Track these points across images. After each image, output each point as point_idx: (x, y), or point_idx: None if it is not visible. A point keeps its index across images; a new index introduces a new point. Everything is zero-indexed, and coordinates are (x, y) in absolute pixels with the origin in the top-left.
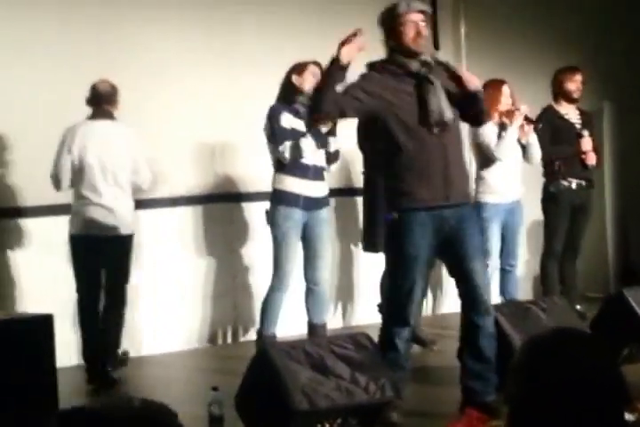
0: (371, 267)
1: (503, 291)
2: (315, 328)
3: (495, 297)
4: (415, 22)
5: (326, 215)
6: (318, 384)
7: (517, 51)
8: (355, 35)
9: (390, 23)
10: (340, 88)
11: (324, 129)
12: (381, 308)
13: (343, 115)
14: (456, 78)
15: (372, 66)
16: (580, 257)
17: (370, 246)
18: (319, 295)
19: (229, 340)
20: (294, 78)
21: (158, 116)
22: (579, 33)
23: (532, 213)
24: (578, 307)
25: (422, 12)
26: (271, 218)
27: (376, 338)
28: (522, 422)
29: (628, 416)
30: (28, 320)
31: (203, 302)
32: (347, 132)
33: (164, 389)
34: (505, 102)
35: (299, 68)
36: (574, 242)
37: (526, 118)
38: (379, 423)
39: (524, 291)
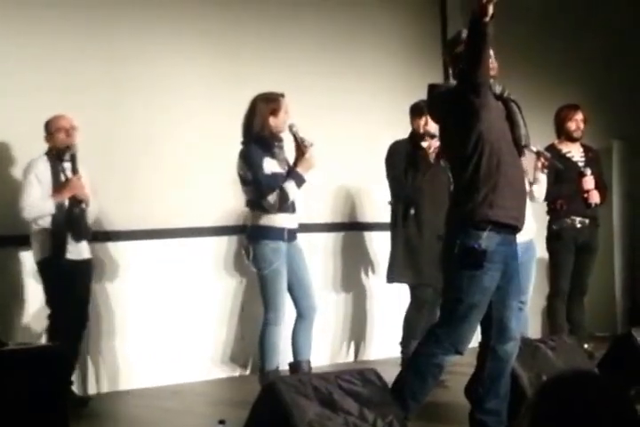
0: (384, 301)
1: None
2: (300, 365)
3: None
4: None
5: (300, 246)
6: (327, 420)
7: (524, 88)
8: None
9: None
10: None
11: (302, 172)
12: (404, 342)
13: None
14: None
15: None
16: (588, 296)
17: (395, 277)
18: (308, 329)
19: (239, 372)
20: (271, 120)
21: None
22: (587, 70)
23: (539, 250)
24: (586, 346)
25: None
26: (258, 254)
27: (384, 374)
28: None
29: None
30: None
31: (211, 333)
32: (365, 165)
33: (171, 421)
34: None
35: (273, 108)
36: (580, 280)
37: (542, 155)
38: None
39: (532, 329)
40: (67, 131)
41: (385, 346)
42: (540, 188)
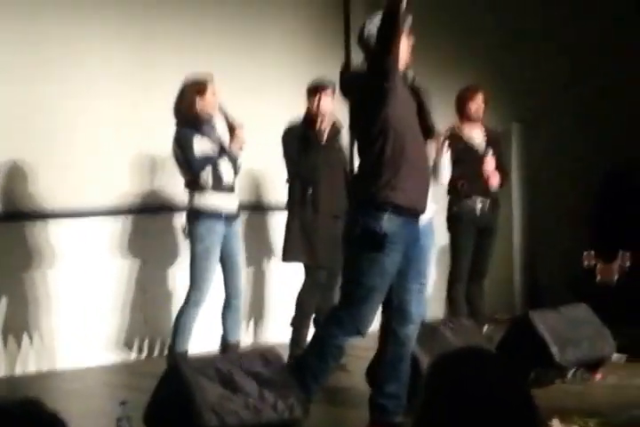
0: (282, 281)
1: None
2: (229, 346)
3: None
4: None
5: (239, 228)
6: (228, 401)
7: (423, 70)
8: None
9: None
10: None
11: (234, 149)
12: (295, 322)
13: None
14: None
15: None
16: (487, 279)
17: (290, 256)
18: (237, 310)
19: (138, 355)
20: (197, 102)
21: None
22: (487, 52)
23: (442, 234)
24: (485, 328)
25: None
26: (193, 233)
27: (286, 356)
28: None
29: None
30: None
31: (113, 316)
32: (256, 150)
33: (74, 403)
34: None
35: (199, 90)
36: (480, 263)
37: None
38: None
39: (432, 311)
40: None
41: (284, 328)
42: (444, 170)
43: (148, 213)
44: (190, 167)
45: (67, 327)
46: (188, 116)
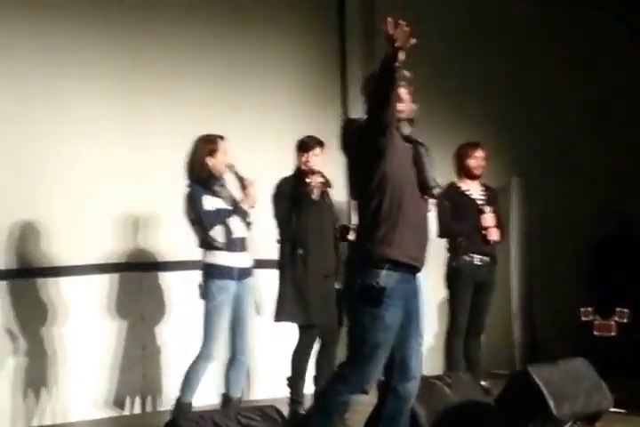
0: (269, 340)
1: None
2: (230, 401)
3: None
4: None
5: (252, 285)
6: None
7: (422, 124)
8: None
9: None
10: None
11: (246, 206)
12: (290, 381)
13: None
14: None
15: None
16: (486, 334)
17: (284, 317)
18: (243, 367)
19: (137, 410)
20: (208, 160)
21: (82, 180)
22: (485, 110)
23: (441, 288)
24: (483, 383)
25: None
26: (206, 291)
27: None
28: None
29: None
30: None
31: (112, 372)
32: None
33: None
34: None
35: (211, 149)
36: (478, 318)
37: None
38: None
39: (431, 366)
40: None
41: (271, 385)
42: (433, 226)
43: (151, 269)
44: (200, 224)
45: (67, 382)
46: (199, 176)
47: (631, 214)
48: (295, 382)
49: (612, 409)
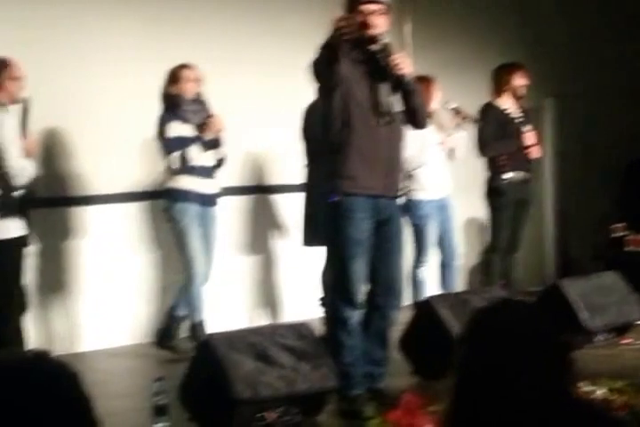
0: (294, 263)
1: (444, 284)
2: (195, 328)
3: (436, 290)
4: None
5: (216, 213)
6: (260, 373)
7: (461, 47)
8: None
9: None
10: None
11: (209, 136)
12: (324, 301)
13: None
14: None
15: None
16: (520, 251)
17: (310, 240)
18: (201, 293)
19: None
20: (172, 89)
21: (106, 114)
22: (519, 30)
23: (467, 208)
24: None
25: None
26: (169, 214)
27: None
28: (468, 395)
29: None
30: None
31: (146, 297)
32: (278, 131)
33: (109, 382)
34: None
35: (172, 79)
36: (515, 236)
37: (459, 113)
38: (322, 412)
39: (466, 283)
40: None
41: (299, 308)
42: (460, 145)
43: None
44: (160, 150)
45: (100, 309)
46: (165, 101)
47: None
48: (327, 301)
49: None
